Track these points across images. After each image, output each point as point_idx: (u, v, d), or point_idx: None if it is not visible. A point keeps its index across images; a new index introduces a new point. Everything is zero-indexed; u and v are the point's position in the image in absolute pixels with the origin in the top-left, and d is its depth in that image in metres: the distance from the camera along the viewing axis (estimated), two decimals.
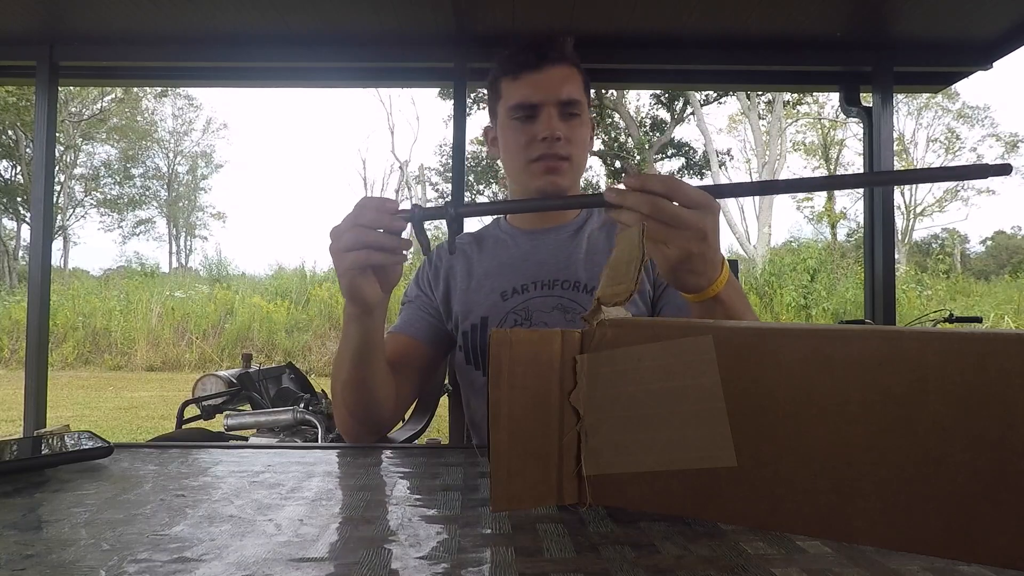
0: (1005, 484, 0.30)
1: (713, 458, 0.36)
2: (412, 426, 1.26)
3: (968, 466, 0.31)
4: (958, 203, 20.95)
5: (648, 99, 14.91)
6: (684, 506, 0.38)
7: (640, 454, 0.38)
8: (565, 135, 0.94)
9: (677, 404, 0.37)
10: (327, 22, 2.03)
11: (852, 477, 0.33)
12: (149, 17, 1.97)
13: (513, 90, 0.96)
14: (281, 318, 9.12)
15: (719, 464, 0.36)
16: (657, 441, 0.38)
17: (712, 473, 0.36)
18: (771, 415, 0.35)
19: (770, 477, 0.35)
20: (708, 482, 0.37)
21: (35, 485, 0.49)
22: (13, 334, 8.76)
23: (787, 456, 0.35)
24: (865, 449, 0.33)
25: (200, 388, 2.37)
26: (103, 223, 24.47)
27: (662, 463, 0.38)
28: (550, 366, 0.39)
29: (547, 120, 0.93)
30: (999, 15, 1.98)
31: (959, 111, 19.23)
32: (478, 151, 14.34)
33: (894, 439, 0.32)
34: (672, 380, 0.37)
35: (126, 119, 19.60)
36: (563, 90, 0.94)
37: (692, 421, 0.37)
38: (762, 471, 0.36)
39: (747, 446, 0.36)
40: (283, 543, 0.37)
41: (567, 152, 0.95)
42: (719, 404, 0.36)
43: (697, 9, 1.92)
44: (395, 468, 0.56)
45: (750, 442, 0.36)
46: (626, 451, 0.38)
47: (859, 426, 0.33)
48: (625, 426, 0.38)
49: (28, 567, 0.33)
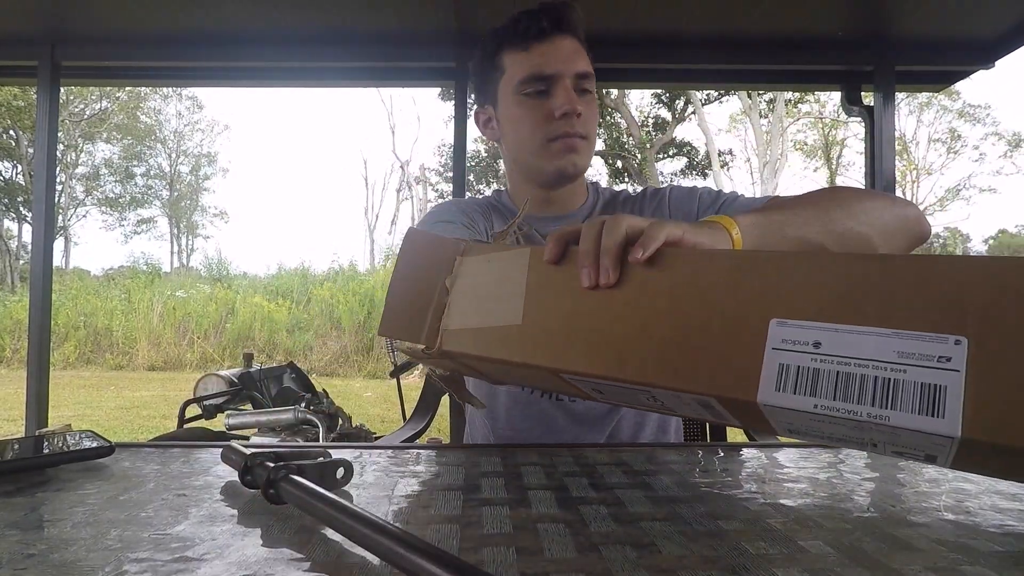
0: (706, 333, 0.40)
1: (510, 318, 0.49)
2: (412, 426, 1.26)
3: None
4: (960, 202, 20.93)
5: (649, 98, 14.91)
6: (494, 348, 0.50)
7: (474, 317, 0.52)
8: (583, 111, 0.86)
9: (501, 286, 0.51)
10: (327, 22, 2.03)
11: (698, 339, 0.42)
12: (150, 17, 1.97)
13: (522, 62, 0.87)
14: (282, 318, 9.12)
15: (511, 322, 0.49)
16: (486, 309, 0.51)
17: (513, 327, 0.49)
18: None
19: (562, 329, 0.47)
20: (513, 333, 0.49)
21: (37, 484, 0.49)
22: (15, 334, 8.78)
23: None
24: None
25: (201, 388, 2.37)
26: (104, 223, 24.52)
27: (485, 323, 0.51)
28: (441, 259, 0.56)
29: (564, 94, 0.85)
30: (1001, 14, 1.97)
31: (960, 110, 19.20)
32: (479, 151, 14.34)
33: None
34: (503, 273, 0.51)
35: (129, 116, 19.62)
36: (576, 63, 0.86)
37: (506, 297, 0.50)
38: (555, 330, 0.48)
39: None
40: (284, 542, 0.37)
41: (586, 130, 0.88)
42: (521, 287, 0.50)
43: (698, 9, 1.92)
44: (395, 468, 0.56)
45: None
46: (465, 316, 0.52)
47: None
48: (471, 300, 0.53)
49: (30, 566, 0.33)
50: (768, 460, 0.61)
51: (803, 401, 0.36)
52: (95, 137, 19.11)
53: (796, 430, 0.40)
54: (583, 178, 0.97)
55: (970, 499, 0.49)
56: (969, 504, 0.47)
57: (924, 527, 0.41)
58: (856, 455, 0.64)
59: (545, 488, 0.49)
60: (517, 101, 0.88)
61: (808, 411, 0.36)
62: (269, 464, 0.44)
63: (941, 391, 0.33)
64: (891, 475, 0.56)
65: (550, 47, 0.86)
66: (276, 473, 0.42)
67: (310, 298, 9.79)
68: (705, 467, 0.58)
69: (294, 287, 10.29)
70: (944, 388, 0.33)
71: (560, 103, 0.85)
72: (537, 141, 0.88)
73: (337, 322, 8.98)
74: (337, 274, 11.07)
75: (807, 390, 0.36)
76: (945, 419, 0.32)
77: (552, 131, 0.87)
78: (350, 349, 8.56)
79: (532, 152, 0.90)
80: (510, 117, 0.91)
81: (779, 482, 0.53)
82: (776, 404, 0.37)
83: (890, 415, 0.34)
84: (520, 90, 0.87)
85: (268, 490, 0.42)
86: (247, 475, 0.46)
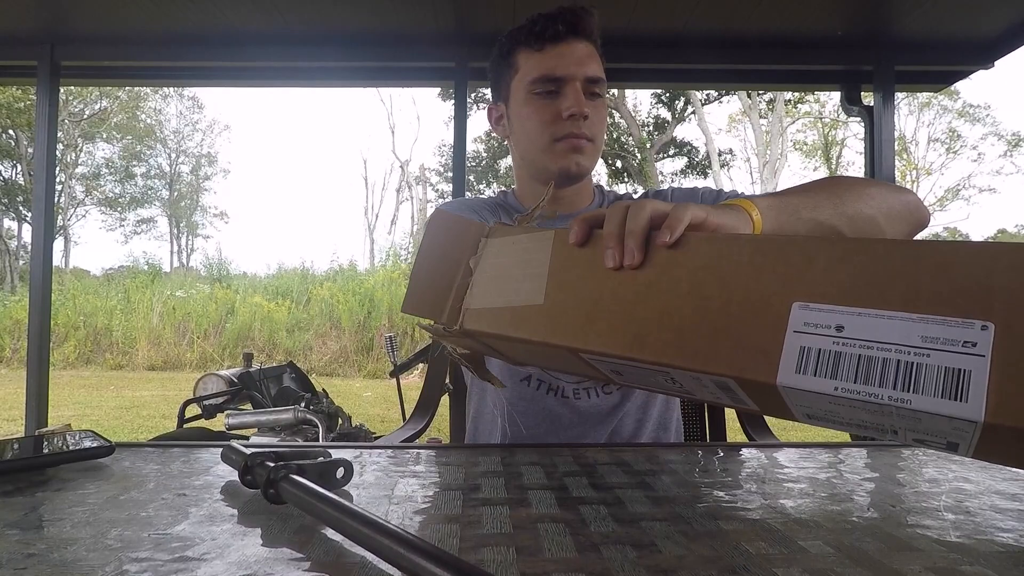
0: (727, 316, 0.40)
1: (531, 299, 0.50)
2: (412, 426, 1.26)
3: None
4: (960, 202, 20.93)
5: (649, 98, 14.91)
6: (509, 327, 0.51)
7: (496, 298, 0.53)
8: (591, 114, 0.88)
9: (524, 268, 0.52)
10: (327, 22, 2.03)
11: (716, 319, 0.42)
12: (150, 17, 1.97)
13: (535, 62, 0.89)
14: (282, 317, 9.12)
15: (533, 302, 0.50)
16: (508, 290, 0.52)
17: (535, 308, 0.50)
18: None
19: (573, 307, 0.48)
20: (533, 313, 0.50)
21: (37, 484, 0.49)
22: (15, 334, 8.77)
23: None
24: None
25: (201, 387, 2.37)
26: (104, 222, 24.52)
27: (507, 303, 0.52)
28: (466, 240, 0.57)
29: (573, 96, 0.87)
30: (1000, 13, 1.97)
31: (960, 110, 19.19)
32: (479, 151, 14.33)
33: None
34: (526, 255, 0.52)
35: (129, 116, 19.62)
36: (588, 67, 0.89)
37: (530, 279, 0.51)
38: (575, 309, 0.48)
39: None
40: (284, 542, 0.37)
41: (591, 133, 0.89)
42: (544, 268, 0.50)
43: (698, 8, 1.92)
44: (395, 467, 0.56)
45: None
46: (487, 296, 0.53)
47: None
48: (494, 281, 0.53)
49: (30, 566, 0.33)
50: (768, 460, 0.61)
51: (824, 384, 0.36)
52: (95, 137, 19.10)
53: (815, 415, 0.40)
54: (589, 179, 0.99)
55: (970, 499, 0.49)
56: (969, 504, 0.47)
57: (924, 527, 0.41)
58: (856, 455, 0.64)
59: (545, 488, 0.49)
60: (527, 100, 0.90)
61: (828, 393, 0.36)
62: (269, 464, 0.44)
63: (965, 375, 0.32)
64: (891, 475, 0.56)
65: (564, 50, 0.88)
66: (276, 473, 0.42)
67: (310, 298, 9.79)
68: (705, 467, 0.58)
69: (294, 287, 10.29)
70: (968, 373, 0.32)
71: (568, 104, 0.87)
72: (544, 140, 0.90)
73: (337, 322, 8.97)
74: (337, 274, 11.07)
75: (828, 373, 0.36)
76: (968, 403, 0.32)
77: (558, 131, 0.89)
78: (350, 349, 8.56)
79: (538, 150, 0.91)
80: (519, 115, 0.93)
81: (779, 482, 0.53)
82: (796, 386, 0.36)
83: (912, 398, 0.33)
84: (531, 89, 0.90)
85: (268, 490, 0.42)
86: (247, 475, 0.46)
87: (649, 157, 13.57)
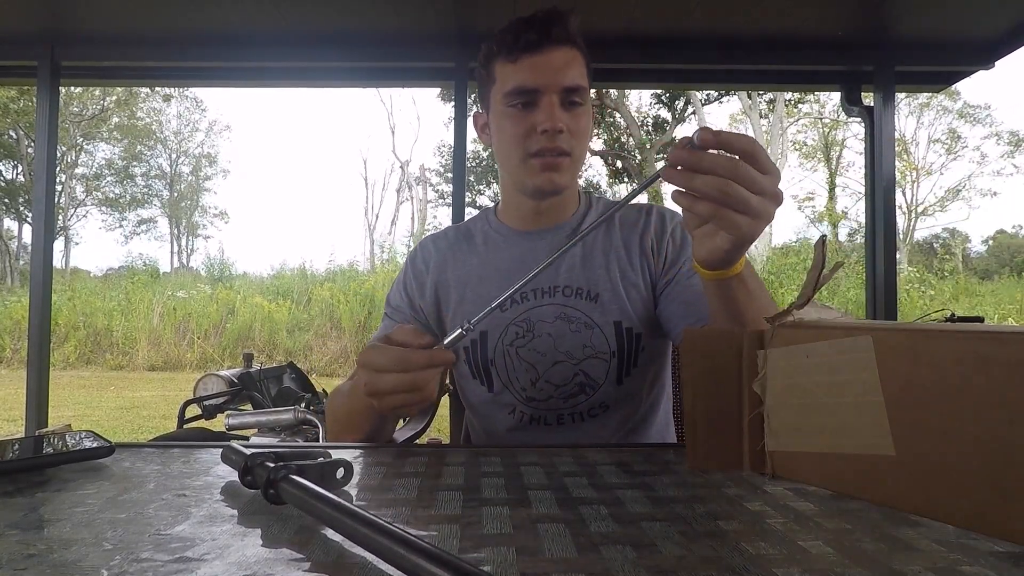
0: None
1: (873, 446, 0.40)
2: (412, 426, 1.26)
3: None
4: (960, 203, 20.94)
5: (649, 98, 14.90)
6: (849, 486, 0.42)
7: (812, 436, 0.43)
8: (567, 126, 0.85)
9: (841, 395, 0.42)
10: (327, 22, 2.03)
11: (1014, 477, 0.35)
12: (150, 17, 1.97)
13: (510, 74, 0.86)
14: (282, 318, 9.12)
15: (878, 452, 0.40)
16: (826, 427, 0.43)
17: (874, 458, 0.40)
18: (927, 410, 0.38)
19: (927, 468, 0.38)
20: (870, 467, 0.41)
21: (36, 485, 0.49)
22: (15, 334, 8.78)
23: (943, 449, 0.37)
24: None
25: (201, 388, 2.37)
26: (104, 222, 24.53)
27: (830, 446, 0.42)
28: (734, 358, 0.47)
29: (548, 109, 0.84)
30: (1001, 14, 1.97)
31: (960, 110, 19.19)
32: (478, 151, 14.33)
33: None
34: (836, 374, 0.42)
35: (129, 117, 19.62)
36: (566, 76, 0.84)
37: (854, 411, 0.41)
38: (919, 463, 0.38)
39: (904, 437, 0.39)
40: (284, 542, 0.37)
41: (568, 146, 0.86)
42: (878, 397, 0.40)
43: (698, 9, 1.92)
44: (395, 468, 0.56)
45: (907, 433, 0.38)
46: (800, 433, 0.44)
47: (1019, 427, 0.34)
48: (798, 412, 0.44)
49: (30, 567, 0.33)
50: None
51: None
52: (95, 137, 19.11)
53: None
54: (574, 187, 0.96)
55: None
56: None
57: (924, 527, 0.41)
58: None
59: (545, 488, 0.49)
60: (504, 112, 0.88)
61: None
62: (269, 464, 0.44)
63: None
64: None
65: (539, 60, 0.84)
66: (276, 473, 0.42)
67: (310, 298, 9.79)
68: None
69: (294, 287, 10.30)
70: None
71: (541, 119, 0.84)
72: (518, 154, 0.88)
73: (337, 322, 8.98)
74: (337, 274, 11.07)
75: None
76: None
77: (532, 146, 0.86)
78: (350, 349, 8.56)
79: (514, 165, 0.89)
80: (498, 127, 0.90)
81: (779, 482, 0.53)
82: None
83: None
84: (506, 102, 0.87)
85: (268, 490, 0.42)
86: (247, 475, 0.46)
87: (649, 157, 13.56)
